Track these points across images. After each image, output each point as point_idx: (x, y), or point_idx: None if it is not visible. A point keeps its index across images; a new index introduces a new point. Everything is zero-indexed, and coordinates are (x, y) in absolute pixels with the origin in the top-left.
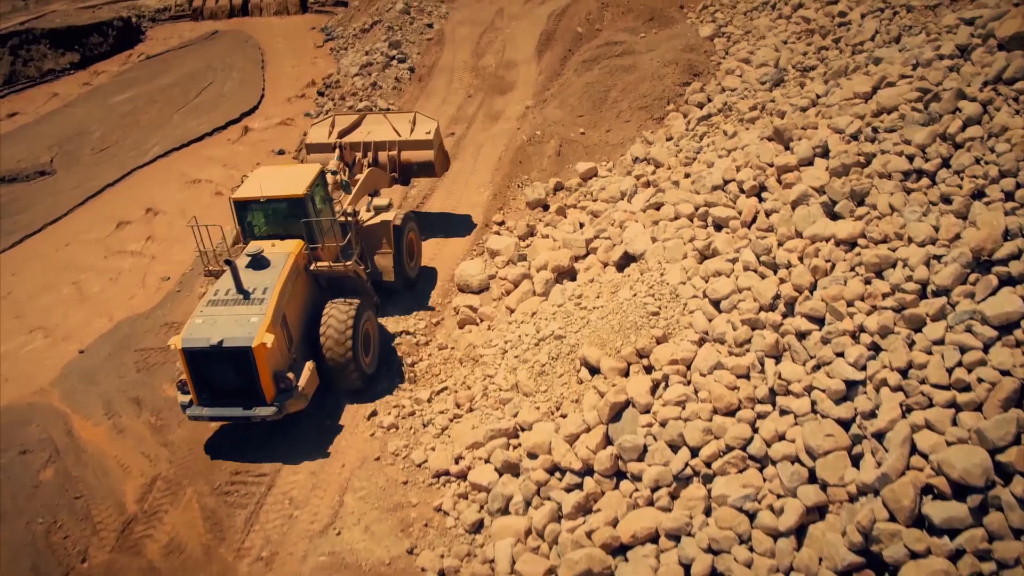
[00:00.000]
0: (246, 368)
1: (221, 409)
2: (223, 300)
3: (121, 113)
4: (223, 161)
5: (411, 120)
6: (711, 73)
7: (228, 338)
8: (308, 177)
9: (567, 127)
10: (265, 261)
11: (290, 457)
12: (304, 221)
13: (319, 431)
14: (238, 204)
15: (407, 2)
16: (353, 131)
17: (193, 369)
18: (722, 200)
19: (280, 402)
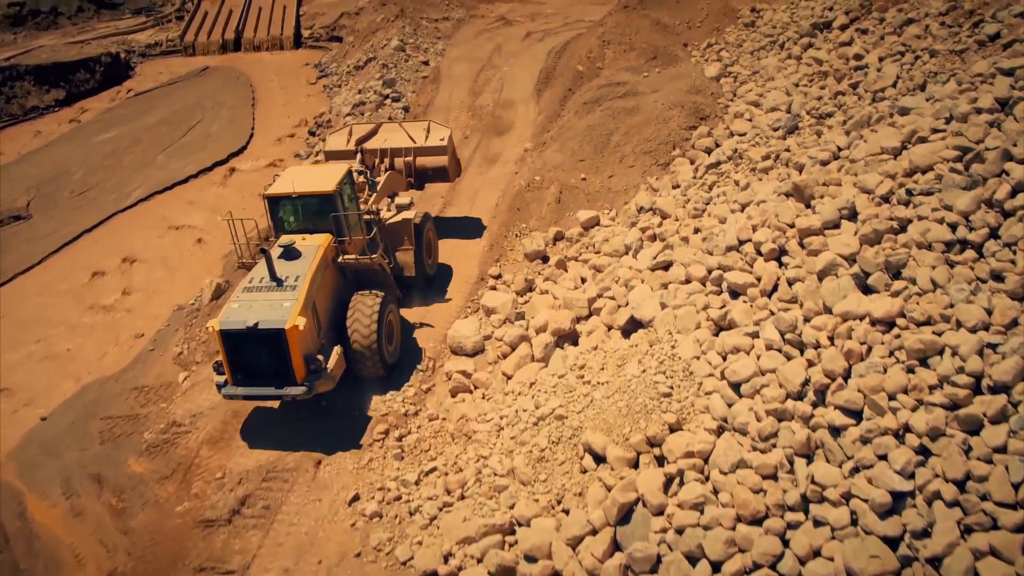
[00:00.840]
0: (279, 349)
1: (254, 389)
2: (257, 287)
3: (104, 153)
4: (207, 205)
5: (425, 128)
6: (719, 116)
7: (263, 321)
8: (337, 175)
9: (567, 172)
10: (296, 252)
11: (264, 547)
12: (333, 216)
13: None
14: (271, 200)
15: (402, 39)
16: (370, 139)
17: (229, 350)
18: (738, 263)
19: (310, 382)
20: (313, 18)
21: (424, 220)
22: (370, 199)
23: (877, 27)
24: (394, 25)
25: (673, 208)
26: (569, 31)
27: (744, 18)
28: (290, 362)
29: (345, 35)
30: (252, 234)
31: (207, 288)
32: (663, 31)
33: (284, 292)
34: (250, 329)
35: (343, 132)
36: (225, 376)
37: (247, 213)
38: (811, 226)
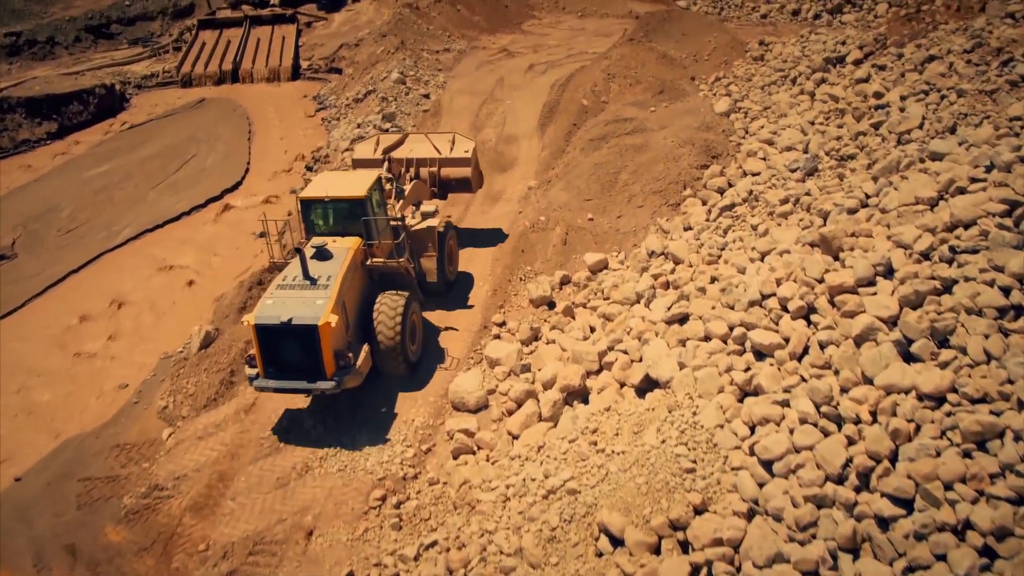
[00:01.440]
0: (311, 344)
1: (285, 382)
2: (291, 285)
3: (94, 189)
4: (199, 244)
5: (451, 140)
6: (731, 155)
7: (297, 316)
8: (368, 181)
9: (574, 212)
10: (328, 253)
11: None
12: (363, 220)
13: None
14: (304, 203)
15: (402, 71)
16: (397, 148)
17: (263, 344)
18: (762, 321)
19: (339, 377)
20: (312, 49)
21: (447, 228)
22: (397, 205)
23: (895, 63)
24: (394, 57)
25: (686, 253)
26: (573, 63)
27: (752, 51)
28: (321, 357)
29: (344, 67)
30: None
31: (195, 336)
32: (670, 64)
33: (317, 290)
34: (284, 324)
35: (371, 141)
36: (257, 369)
37: (240, 253)
38: (843, 283)
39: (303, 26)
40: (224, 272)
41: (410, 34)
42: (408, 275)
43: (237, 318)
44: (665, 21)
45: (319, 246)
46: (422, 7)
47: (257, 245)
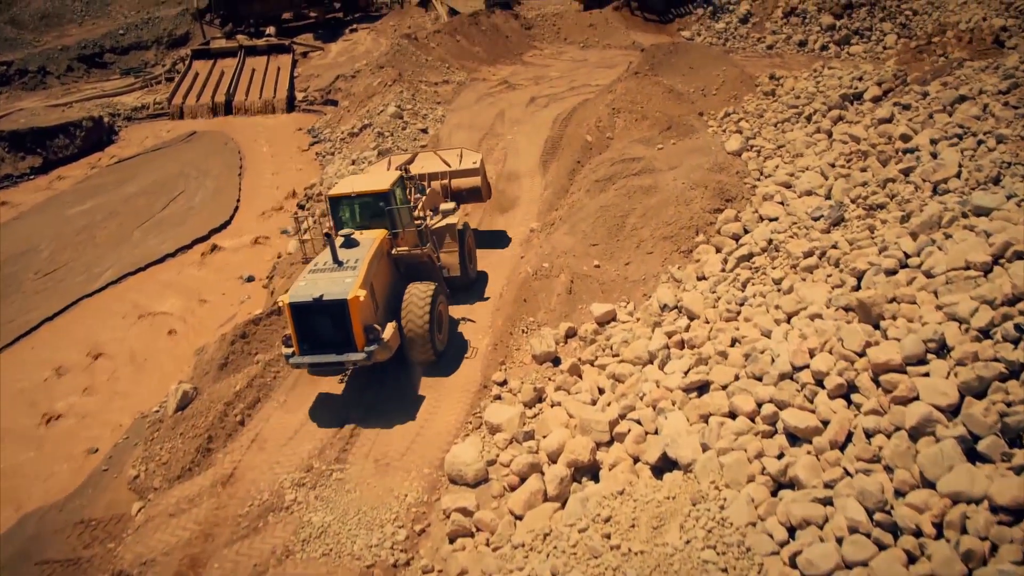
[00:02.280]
0: (341, 318)
1: (319, 356)
2: (321, 268)
3: (76, 228)
4: (183, 288)
5: (458, 154)
6: (746, 198)
7: (327, 293)
8: (392, 177)
9: (579, 258)
10: (355, 241)
11: None
12: (387, 210)
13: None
14: (332, 200)
15: (399, 105)
16: (407, 166)
17: (297, 322)
18: (795, 398)
19: (369, 350)
20: (308, 80)
21: (465, 227)
22: (418, 202)
23: (920, 103)
24: (391, 90)
25: (702, 308)
26: (575, 96)
27: (763, 86)
28: (352, 330)
29: (340, 99)
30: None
31: (172, 396)
32: (677, 99)
33: (345, 271)
34: (316, 301)
35: (383, 162)
36: (292, 348)
37: (226, 299)
38: (889, 361)
39: (299, 56)
40: (208, 320)
41: (408, 65)
42: (433, 266)
43: (217, 375)
44: (671, 54)
45: (347, 235)
46: (421, 38)
47: (244, 290)
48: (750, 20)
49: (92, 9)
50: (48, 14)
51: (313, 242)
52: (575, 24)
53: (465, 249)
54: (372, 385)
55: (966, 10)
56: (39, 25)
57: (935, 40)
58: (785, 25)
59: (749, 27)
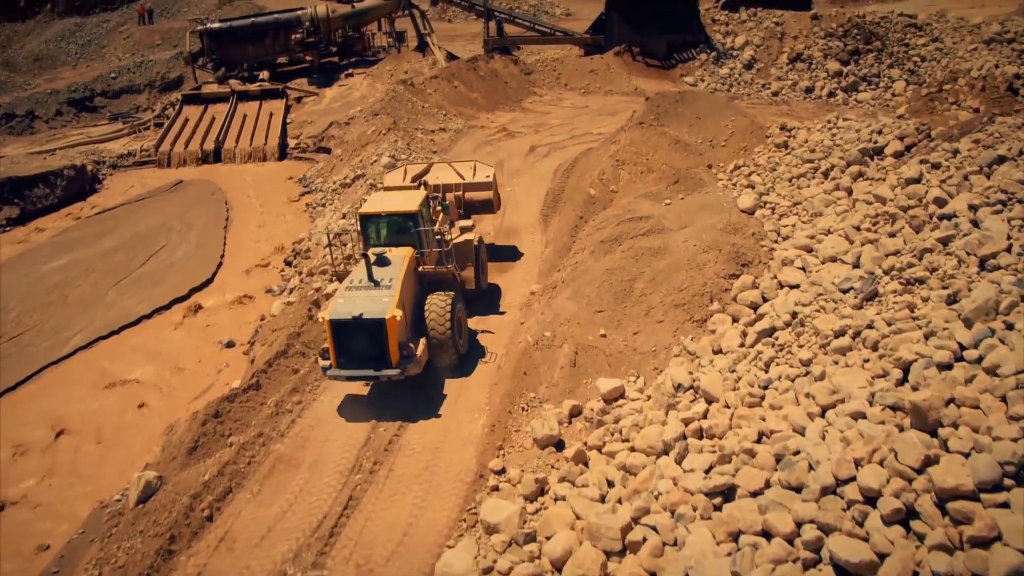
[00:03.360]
0: (379, 336)
1: (355, 371)
2: (357, 286)
3: (48, 286)
4: (157, 354)
5: (472, 167)
6: (763, 263)
7: (366, 312)
8: (419, 197)
9: (584, 327)
10: (387, 260)
11: None
12: (416, 231)
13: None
14: (363, 217)
15: (394, 155)
16: (423, 176)
17: (336, 337)
18: (843, 522)
19: (403, 366)
20: (301, 127)
21: (480, 242)
22: (438, 219)
23: (951, 161)
24: (386, 138)
25: (720, 390)
26: (577, 145)
27: (775, 137)
28: (388, 348)
29: (333, 147)
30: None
31: (135, 485)
32: (684, 151)
33: (381, 290)
34: (355, 319)
35: (399, 171)
36: (330, 361)
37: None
38: (959, 486)
39: (293, 102)
40: (182, 391)
41: (404, 112)
42: (454, 280)
43: (185, 461)
44: (677, 103)
45: (379, 254)
46: (417, 83)
47: (223, 357)
48: (754, 66)
49: (87, 52)
50: (42, 56)
51: (299, 303)
52: (576, 70)
53: (480, 264)
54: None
55: (977, 57)
56: (32, 67)
57: (947, 88)
58: (791, 71)
59: (754, 73)
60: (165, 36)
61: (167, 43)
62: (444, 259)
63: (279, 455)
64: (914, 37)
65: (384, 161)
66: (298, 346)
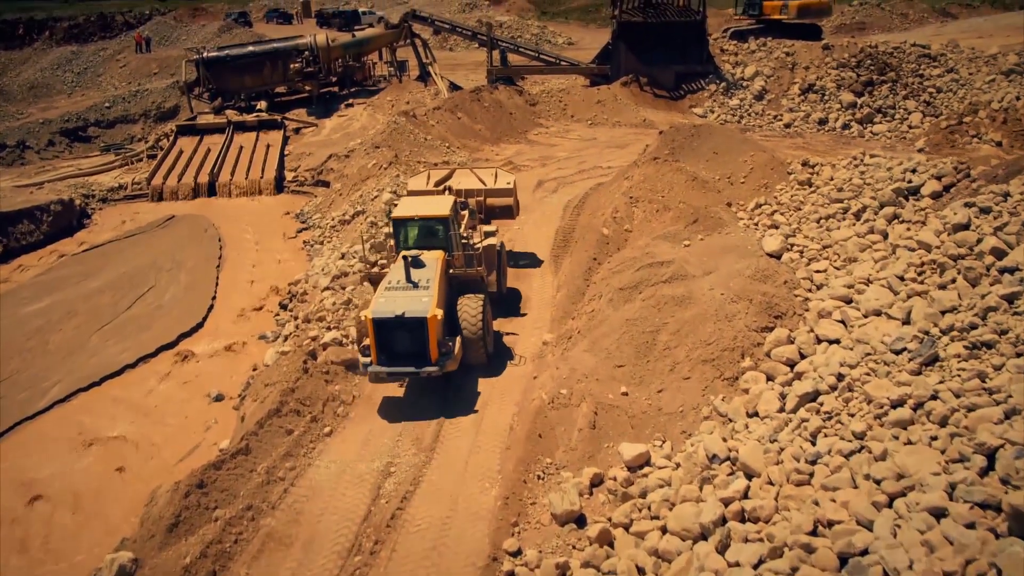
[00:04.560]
0: (420, 335)
1: (396, 368)
2: (395, 287)
3: (29, 330)
4: (141, 409)
5: (493, 173)
6: (798, 314)
7: (408, 311)
8: (449, 202)
9: (603, 383)
10: (422, 262)
11: None
12: (447, 235)
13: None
14: (396, 221)
15: (395, 190)
16: (446, 181)
17: (378, 335)
18: None
19: (441, 363)
20: (299, 159)
21: (501, 246)
22: (463, 223)
23: (1002, 206)
24: (387, 173)
25: (762, 463)
26: (586, 180)
27: (797, 174)
28: (428, 345)
29: (333, 180)
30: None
31: (107, 568)
32: (701, 188)
33: (420, 291)
34: (398, 318)
35: (423, 175)
36: (371, 358)
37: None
38: None
39: (291, 132)
40: (167, 450)
41: (405, 145)
42: (482, 282)
43: (165, 540)
44: (692, 137)
45: (414, 256)
46: (420, 115)
47: (211, 412)
48: (765, 97)
49: (83, 80)
50: (37, 84)
51: (294, 354)
52: (582, 101)
53: (501, 268)
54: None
55: (996, 88)
56: (27, 96)
57: (967, 120)
58: (803, 102)
59: (765, 104)
60: (162, 65)
61: (164, 72)
62: (472, 262)
63: (270, 531)
64: (928, 68)
65: (385, 197)
66: (292, 403)
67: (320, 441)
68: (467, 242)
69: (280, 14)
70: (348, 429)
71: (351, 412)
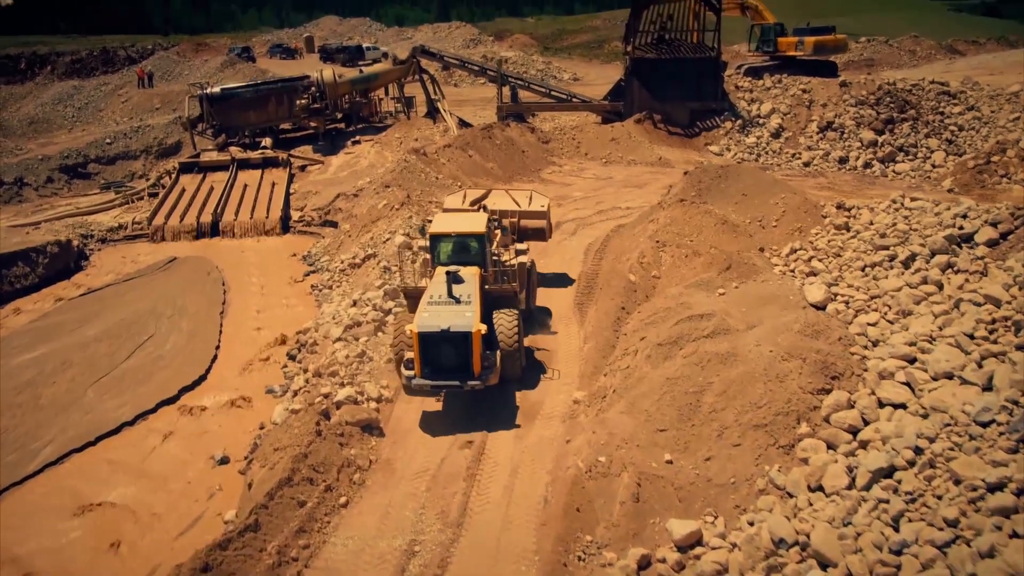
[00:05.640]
0: (464, 348)
1: (439, 381)
2: (437, 301)
3: (20, 383)
4: (139, 471)
5: (528, 196)
6: (856, 375)
7: (453, 325)
8: (484, 219)
9: (645, 450)
10: (460, 278)
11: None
12: (481, 251)
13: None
14: (433, 237)
15: (409, 234)
16: (482, 201)
17: (423, 349)
18: None
19: (484, 376)
20: (305, 197)
21: (532, 265)
22: (496, 241)
23: None
24: (398, 214)
25: (838, 551)
26: (605, 221)
27: (832, 217)
28: (471, 359)
29: (341, 220)
30: None
31: None
32: (732, 232)
33: (462, 305)
34: (443, 332)
35: (459, 194)
36: (414, 371)
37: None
38: None
39: (296, 170)
40: (167, 520)
41: (416, 184)
42: (515, 298)
43: None
44: (720, 178)
45: (453, 272)
46: (430, 153)
47: (216, 476)
48: (782, 134)
49: (84, 115)
50: (37, 119)
51: (305, 414)
52: (596, 138)
53: (531, 286)
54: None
55: (1021, 127)
56: (27, 131)
57: (995, 159)
58: (822, 140)
59: (782, 142)
60: (164, 100)
61: (166, 107)
62: (503, 278)
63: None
64: (948, 105)
65: (398, 240)
66: (305, 470)
67: (336, 513)
68: (497, 258)
69: (283, 49)
70: (365, 499)
71: (368, 479)
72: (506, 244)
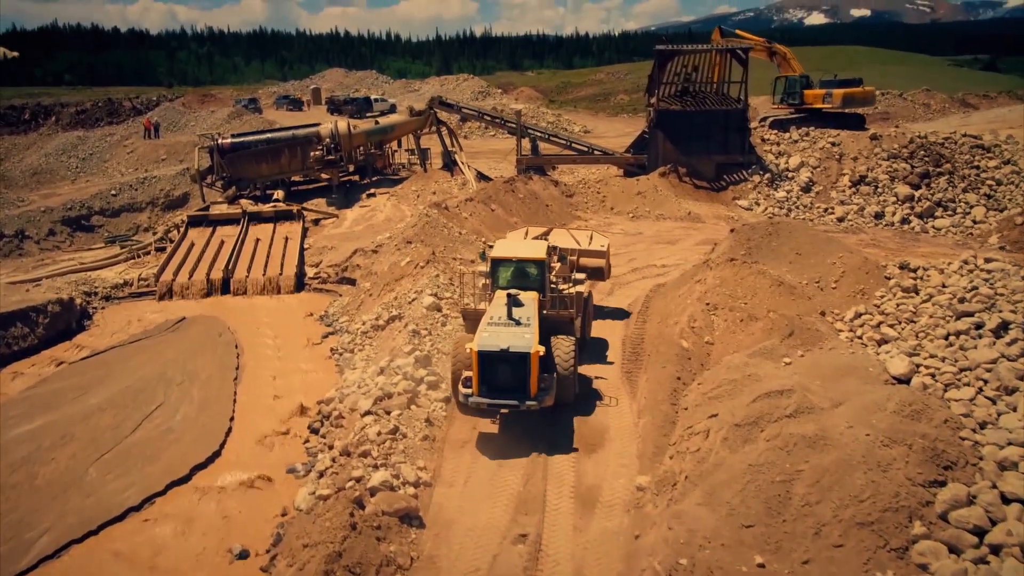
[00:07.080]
0: (522, 369)
1: (496, 400)
2: (497, 323)
3: (13, 461)
4: (145, 566)
5: (589, 235)
6: (970, 464)
7: (513, 346)
8: (544, 246)
9: (731, 550)
10: (520, 301)
11: None
12: (540, 277)
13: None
14: (495, 261)
15: (436, 292)
16: (544, 237)
17: (481, 367)
18: None
19: (540, 397)
20: (320, 253)
21: (589, 295)
22: (555, 270)
23: None
24: (424, 272)
25: None
26: (642, 280)
27: (897, 279)
28: (529, 380)
29: (360, 277)
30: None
31: None
32: (789, 294)
33: (522, 327)
34: (503, 351)
35: (521, 231)
36: (472, 389)
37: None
38: None
39: (310, 224)
40: None
41: (439, 239)
42: (572, 325)
43: None
44: (771, 236)
45: (514, 295)
46: (452, 207)
47: (235, 574)
48: (813, 189)
49: (88, 166)
50: (40, 170)
51: (337, 503)
52: (621, 192)
53: (587, 316)
54: None
55: None
56: (29, 181)
57: None
58: (855, 195)
59: (813, 196)
60: (171, 151)
61: (172, 158)
62: (561, 304)
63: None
64: (984, 159)
65: (427, 302)
66: (339, 572)
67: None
68: (555, 286)
69: (290, 100)
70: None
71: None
72: (565, 276)
